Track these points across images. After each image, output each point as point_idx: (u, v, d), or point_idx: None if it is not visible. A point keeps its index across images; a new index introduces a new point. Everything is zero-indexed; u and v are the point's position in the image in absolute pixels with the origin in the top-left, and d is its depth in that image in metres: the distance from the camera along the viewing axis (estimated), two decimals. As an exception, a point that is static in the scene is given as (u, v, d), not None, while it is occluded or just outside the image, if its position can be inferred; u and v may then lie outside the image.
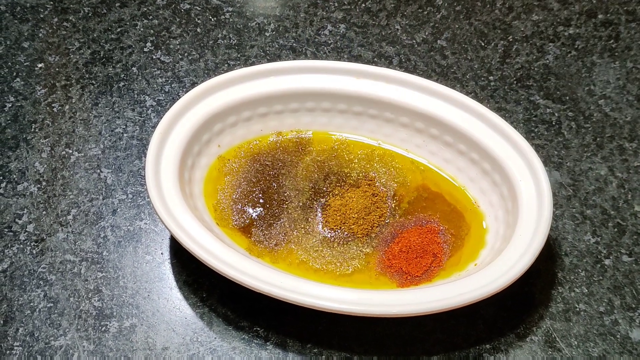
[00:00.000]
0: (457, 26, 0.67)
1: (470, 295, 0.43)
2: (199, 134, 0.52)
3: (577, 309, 0.49)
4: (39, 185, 0.55)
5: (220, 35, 0.65)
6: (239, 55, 0.64)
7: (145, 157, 0.52)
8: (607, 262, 0.51)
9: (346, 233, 0.51)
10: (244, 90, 0.53)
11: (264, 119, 0.54)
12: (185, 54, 0.64)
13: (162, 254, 0.51)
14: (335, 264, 0.49)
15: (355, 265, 0.49)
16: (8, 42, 0.64)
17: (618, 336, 0.48)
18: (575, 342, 0.48)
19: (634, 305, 0.49)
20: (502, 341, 0.47)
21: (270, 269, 0.46)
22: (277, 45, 0.65)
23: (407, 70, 0.63)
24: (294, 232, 0.50)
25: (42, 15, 0.67)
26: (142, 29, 0.66)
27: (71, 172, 0.56)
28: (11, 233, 0.52)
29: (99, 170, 0.56)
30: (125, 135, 0.58)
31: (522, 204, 0.48)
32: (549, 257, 0.51)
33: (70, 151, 0.57)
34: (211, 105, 0.52)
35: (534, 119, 0.59)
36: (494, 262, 0.45)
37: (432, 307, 0.43)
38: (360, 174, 0.54)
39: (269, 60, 0.63)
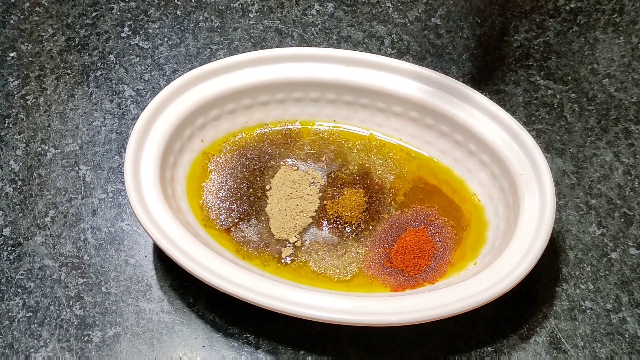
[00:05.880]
0: (451, 2, 0.64)
1: (471, 301, 0.42)
2: (180, 130, 0.49)
3: (583, 307, 0.47)
4: (14, 185, 0.52)
5: (201, 18, 0.62)
6: (221, 39, 0.61)
7: (125, 151, 0.50)
8: (613, 255, 0.49)
9: (339, 232, 0.48)
10: (227, 82, 0.51)
11: (249, 111, 0.52)
12: (165, 39, 0.61)
13: (145, 256, 0.49)
14: (329, 262, 0.47)
15: (351, 267, 0.47)
16: (-23, 30, 0.61)
17: (626, 335, 0.46)
18: (582, 343, 0.46)
19: (642, 301, 0.47)
20: (505, 343, 0.46)
21: (258, 275, 0.44)
22: (261, 27, 0.62)
23: (399, 51, 0.60)
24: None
25: (12, 0, 0.63)
26: (118, 13, 0.62)
27: (48, 170, 0.53)
28: (-15, 239, 0.50)
29: (77, 168, 0.53)
30: (103, 128, 0.55)
31: (523, 200, 0.45)
32: (552, 252, 0.49)
33: (47, 147, 0.54)
34: (192, 98, 0.50)
35: (534, 101, 0.57)
36: (494, 264, 0.43)
37: (432, 315, 0.41)
38: (355, 166, 0.51)
39: (253, 44, 0.60)
